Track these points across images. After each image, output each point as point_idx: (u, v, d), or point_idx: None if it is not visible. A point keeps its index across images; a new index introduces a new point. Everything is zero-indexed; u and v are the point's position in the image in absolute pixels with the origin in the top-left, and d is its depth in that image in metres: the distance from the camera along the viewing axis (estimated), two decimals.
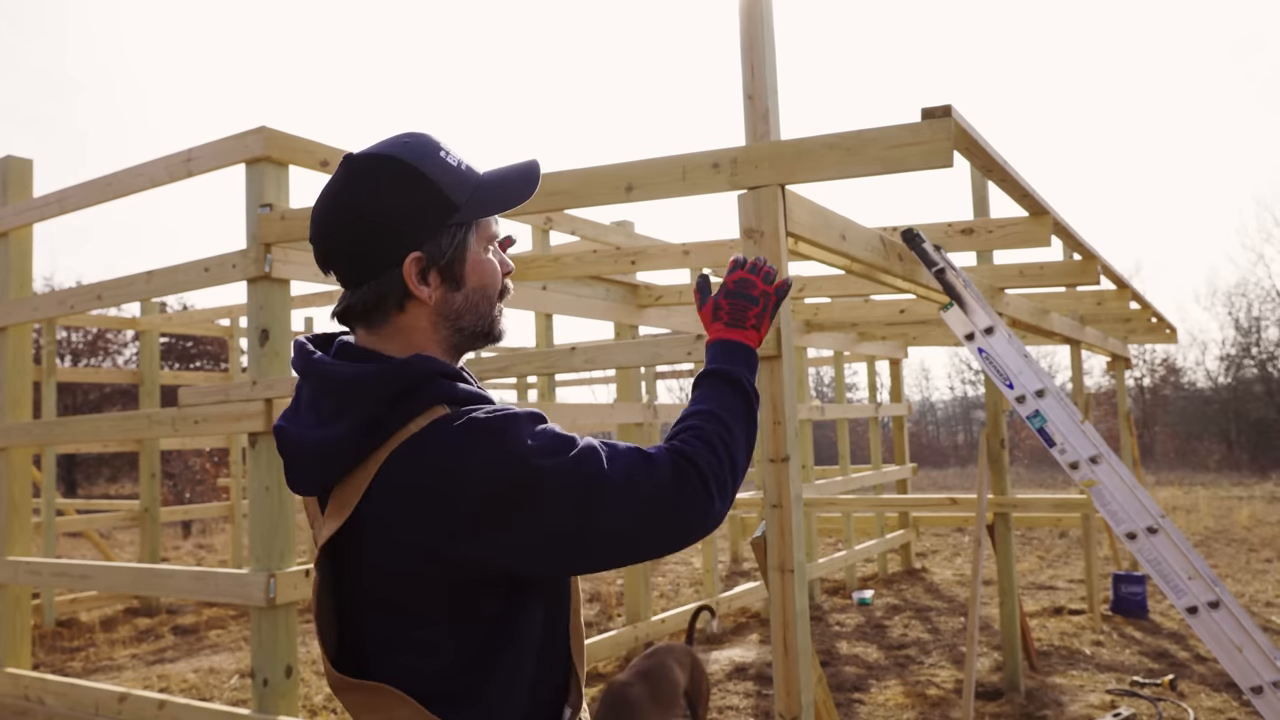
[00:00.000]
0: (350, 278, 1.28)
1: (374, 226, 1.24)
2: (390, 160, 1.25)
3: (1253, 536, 11.71)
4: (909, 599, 8.56)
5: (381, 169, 1.25)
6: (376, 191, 1.24)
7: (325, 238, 1.27)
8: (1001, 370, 3.61)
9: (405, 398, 1.21)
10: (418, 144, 1.28)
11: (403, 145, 1.27)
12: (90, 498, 19.58)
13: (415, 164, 1.26)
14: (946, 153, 2.97)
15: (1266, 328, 27.46)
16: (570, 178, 3.49)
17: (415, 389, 1.22)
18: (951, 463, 30.23)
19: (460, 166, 1.29)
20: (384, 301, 1.27)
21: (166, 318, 10.48)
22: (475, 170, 1.32)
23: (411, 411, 1.20)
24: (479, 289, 1.31)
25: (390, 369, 1.22)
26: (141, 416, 4.89)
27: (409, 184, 1.25)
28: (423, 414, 1.21)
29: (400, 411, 1.20)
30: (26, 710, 4.87)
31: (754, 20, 3.21)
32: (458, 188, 1.27)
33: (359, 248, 1.25)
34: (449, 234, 1.27)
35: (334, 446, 1.20)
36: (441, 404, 1.22)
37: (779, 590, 3.02)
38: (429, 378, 1.23)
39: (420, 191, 1.25)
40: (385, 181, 1.25)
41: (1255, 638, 3.11)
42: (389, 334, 1.28)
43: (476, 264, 1.31)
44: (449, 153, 1.29)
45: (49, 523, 8.41)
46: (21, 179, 5.30)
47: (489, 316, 1.34)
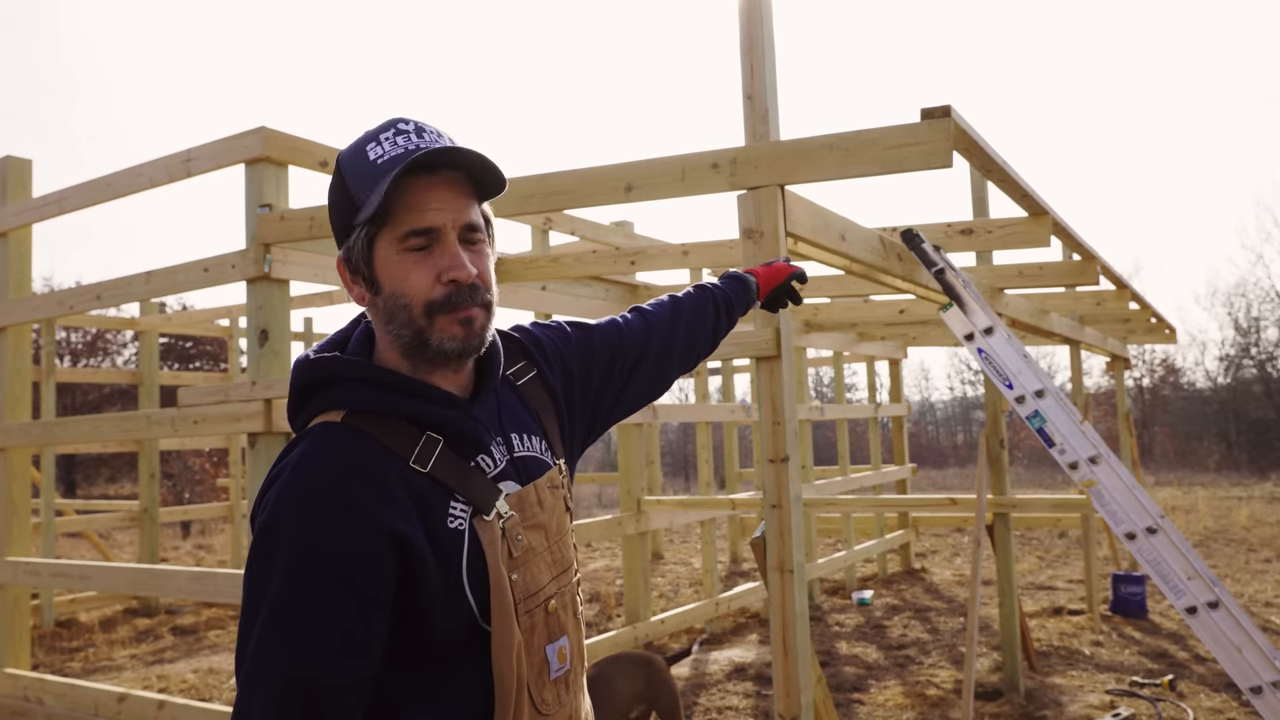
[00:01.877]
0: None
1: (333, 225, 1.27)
2: (339, 159, 1.25)
3: (1252, 537, 11.71)
4: (908, 599, 8.56)
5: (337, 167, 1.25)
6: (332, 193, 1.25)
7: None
8: (1001, 370, 3.61)
9: (308, 396, 1.21)
10: (362, 136, 1.22)
11: (355, 139, 1.24)
12: (89, 498, 19.56)
13: (342, 161, 1.23)
14: (946, 153, 2.97)
15: (1266, 328, 27.49)
16: (570, 178, 3.49)
17: (315, 391, 1.20)
18: (951, 463, 30.24)
19: (378, 160, 1.17)
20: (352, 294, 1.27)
21: (166, 318, 10.48)
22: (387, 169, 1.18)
23: (310, 412, 1.21)
24: (393, 297, 1.19)
25: (298, 364, 1.22)
26: (141, 417, 4.88)
27: (335, 182, 1.23)
28: (317, 416, 1.20)
29: (306, 409, 1.22)
30: (26, 711, 4.87)
31: (753, 21, 3.21)
32: (365, 184, 1.18)
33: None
34: (356, 234, 1.21)
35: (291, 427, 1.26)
36: (335, 410, 1.18)
37: (778, 590, 3.02)
38: (329, 382, 1.19)
39: (337, 190, 1.23)
40: (334, 181, 1.25)
41: (1254, 638, 3.11)
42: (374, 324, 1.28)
43: (385, 267, 1.19)
44: (380, 143, 1.19)
45: (48, 523, 8.40)
46: (21, 179, 5.29)
47: (412, 327, 1.18)
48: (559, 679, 1.26)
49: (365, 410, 1.16)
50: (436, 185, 1.18)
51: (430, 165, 1.16)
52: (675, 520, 8.84)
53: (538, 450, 1.32)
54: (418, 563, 1.11)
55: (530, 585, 1.22)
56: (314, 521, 1.07)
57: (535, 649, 1.22)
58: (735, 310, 1.82)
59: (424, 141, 1.18)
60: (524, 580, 1.21)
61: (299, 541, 1.07)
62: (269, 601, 1.06)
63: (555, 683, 1.25)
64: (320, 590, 1.06)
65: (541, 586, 1.25)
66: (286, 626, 1.05)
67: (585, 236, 6.62)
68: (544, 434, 1.36)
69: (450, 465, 1.17)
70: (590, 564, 11.63)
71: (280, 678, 1.04)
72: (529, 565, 1.23)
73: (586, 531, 6.38)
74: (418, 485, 1.14)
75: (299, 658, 1.04)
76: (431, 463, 1.16)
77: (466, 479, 1.19)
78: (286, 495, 1.09)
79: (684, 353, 1.69)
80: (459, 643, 1.16)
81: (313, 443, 1.14)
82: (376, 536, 1.08)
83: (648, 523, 6.69)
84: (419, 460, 1.15)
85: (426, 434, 1.17)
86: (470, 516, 1.17)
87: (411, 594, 1.12)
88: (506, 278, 5.45)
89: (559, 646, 1.26)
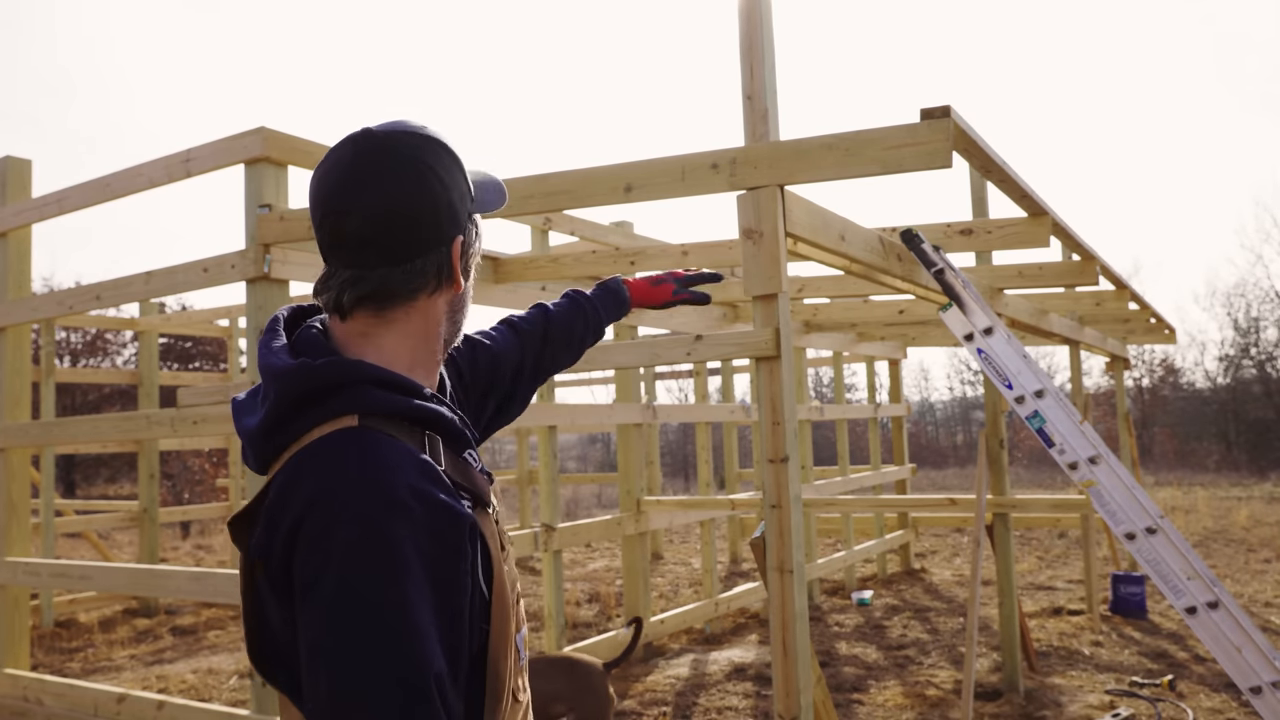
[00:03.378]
0: (392, 254, 1.17)
1: (435, 201, 1.18)
2: (432, 140, 1.21)
3: (1251, 537, 11.72)
4: (908, 599, 8.56)
5: (429, 146, 1.20)
6: (437, 168, 1.19)
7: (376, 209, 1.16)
8: (1000, 371, 3.61)
9: (311, 404, 1.13)
10: (441, 137, 1.24)
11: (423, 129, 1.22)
12: (89, 498, 19.56)
13: (452, 149, 1.23)
14: (945, 153, 2.97)
15: (1265, 328, 27.51)
16: (570, 178, 3.49)
17: (324, 396, 1.13)
18: (950, 463, 30.25)
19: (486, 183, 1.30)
20: (419, 282, 1.19)
21: (165, 318, 10.48)
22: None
23: (315, 418, 1.12)
24: (466, 292, 1.28)
25: (302, 370, 1.13)
26: (140, 417, 4.88)
27: (456, 167, 1.22)
28: (327, 422, 1.12)
29: (304, 418, 1.13)
30: (25, 711, 4.87)
31: (753, 21, 3.21)
32: (480, 187, 1.28)
33: (416, 222, 1.17)
34: (473, 224, 1.25)
35: (253, 438, 1.16)
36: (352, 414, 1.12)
37: (778, 591, 3.02)
38: (341, 386, 1.13)
39: (460, 176, 1.23)
40: (443, 159, 1.20)
41: (1254, 638, 3.11)
42: (401, 318, 1.20)
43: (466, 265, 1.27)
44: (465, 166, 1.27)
45: (47, 523, 8.40)
46: (20, 179, 5.30)
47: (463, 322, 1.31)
48: (522, 666, 1.29)
49: (380, 413, 1.13)
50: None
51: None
52: (675, 520, 8.85)
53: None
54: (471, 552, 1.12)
55: (513, 575, 1.25)
56: (412, 527, 1.04)
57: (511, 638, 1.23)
58: (604, 324, 1.87)
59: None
60: (510, 571, 1.23)
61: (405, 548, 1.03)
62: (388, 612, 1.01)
63: (521, 670, 1.28)
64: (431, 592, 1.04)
65: (516, 577, 1.27)
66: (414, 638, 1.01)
67: (585, 236, 6.62)
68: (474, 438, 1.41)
69: (453, 461, 1.18)
70: (590, 564, 11.63)
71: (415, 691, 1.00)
72: (510, 557, 1.25)
73: (586, 532, 6.37)
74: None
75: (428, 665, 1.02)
76: (443, 460, 1.16)
77: (468, 473, 1.19)
78: (370, 505, 1.04)
79: (546, 371, 1.73)
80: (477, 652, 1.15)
81: (360, 448, 1.08)
82: (460, 528, 1.09)
83: (647, 523, 6.69)
84: (433, 458, 1.14)
85: (426, 433, 1.17)
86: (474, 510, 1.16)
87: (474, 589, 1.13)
88: (506, 278, 5.45)
89: (523, 635, 1.29)
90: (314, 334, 1.20)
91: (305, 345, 1.19)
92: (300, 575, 1.03)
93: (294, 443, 1.12)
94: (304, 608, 1.03)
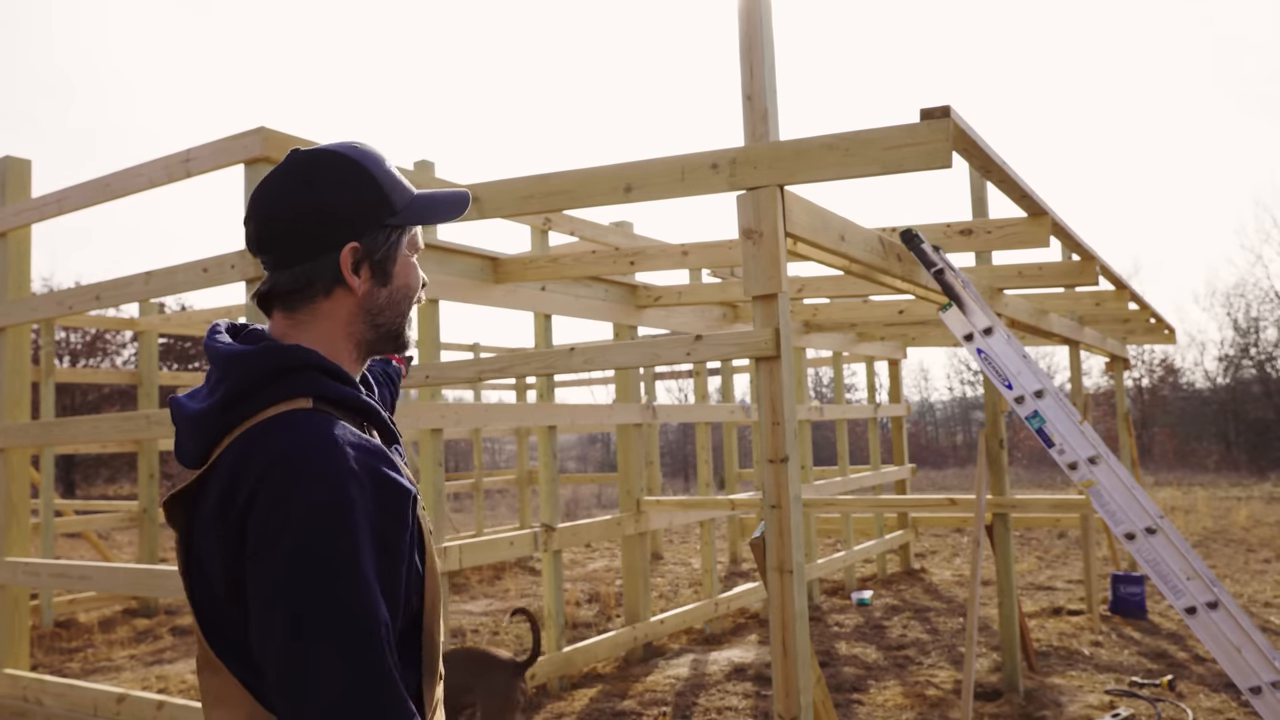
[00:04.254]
0: (283, 258, 1.30)
1: (319, 212, 1.30)
2: (341, 157, 1.33)
3: (1251, 537, 11.72)
4: (908, 599, 8.56)
5: (332, 162, 1.32)
6: (326, 182, 1.31)
7: (266, 218, 1.31)
8: (1000, 371, 3.61)
9: (271, 382, 1.23)
10: (366, 149, 1.36)
11: (351, 148, 1.35)
12: (89, 498, 19.57)
13: (363, 164, 1.34)
14: (945, 153, 2.97)
15: (1265, 328, 27.50)
16: (570, 178, 3.49)
17: (284, 376, 1.24)
18: (950, 463, 30.25)
19: (399, 178, 1.37)
20: (312, 285, 1.31)
21: (165, 318, 10.47)
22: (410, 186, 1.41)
23: (273, 397, 1.22)
24: (402, 288, 1.38)
25: (265, 349, 1.25)
26: (140, 417, 4.88)
27: (357, 180, 1.33)
28: (282, 401, 1.22)
29: (262, 395, 1.23)
30: (25, 711, 4.87)
31: (753, 21, 3.21)
32: (397, 194, 1.36)
33: (299, 230, 1.30)
34: (385, 233, 1.35)
35: (201, 418, 1.24)
36: (306, 397, 1.23)
37: (778, 591, 3.02)
38: (303, 368, 1.25)
39: (365, 189, 1.33)
40: (335, 174, 1.31)
41: (1254, 638, 3.11)
42: (307, 319, 1.32)
43: (405, 265, 1.38)
44: (391, 165, 1.38)
45: (47, 524, 8.40)
46: (20, 180, 5.30)
47: (404, 317, 1.40)
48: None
49: (329, 399, 1.25)
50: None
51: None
52: (675, 520, 8.85)
53: None
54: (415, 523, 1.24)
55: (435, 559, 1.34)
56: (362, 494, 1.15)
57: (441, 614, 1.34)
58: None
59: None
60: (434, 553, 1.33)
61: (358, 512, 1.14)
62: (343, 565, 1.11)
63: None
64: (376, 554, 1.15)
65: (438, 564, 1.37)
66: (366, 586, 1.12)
67: (585, 237, 6.62)
68: None
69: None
70: (590, 564, 11.63)
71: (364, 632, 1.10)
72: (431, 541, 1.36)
73: (586, 532, 6.38)
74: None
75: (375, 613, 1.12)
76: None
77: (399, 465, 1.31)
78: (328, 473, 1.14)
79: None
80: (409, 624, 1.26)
81: (316, 426, 1.19)
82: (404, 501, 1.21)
83: (647, 523, 6.69)
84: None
85: (364, 423, 1.31)
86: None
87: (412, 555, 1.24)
88: (506, 278, 5.46)
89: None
90: (258, 331, 1.35)
91: (252, 338, 1.33)
92: (256, 534, 1.12)
93: (244, 422, 1.21)
94: (258, 562, 1.12)
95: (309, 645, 1.09)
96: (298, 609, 1.09)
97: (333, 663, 1.08)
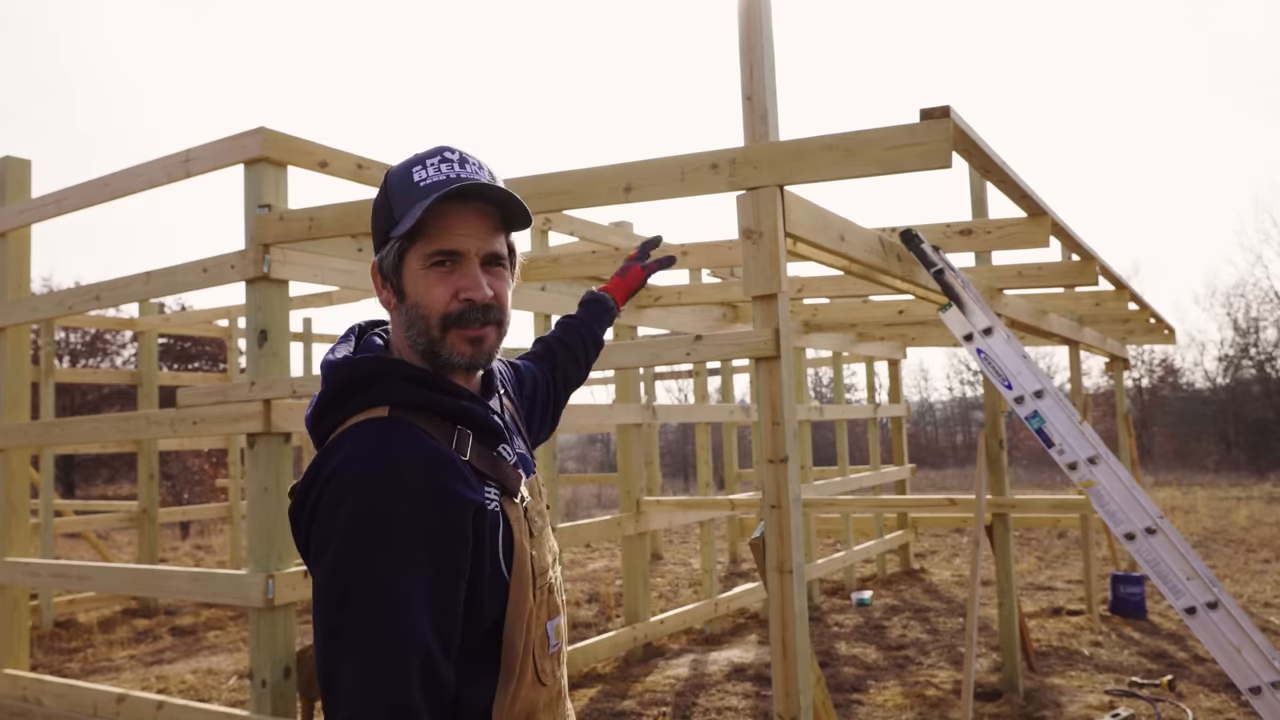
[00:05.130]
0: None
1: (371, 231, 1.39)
2: (388, 173, 1.38)
3: (1251, 537, 11.72)
4: (907, 600, 8.56)
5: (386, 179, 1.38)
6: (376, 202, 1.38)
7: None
8: (1000, 371, 3.61)
9: (354, 392, 1.28)
10: (411, 158, 1.36)
11: (404, 159, 1.37)
12: (88, 499, 19.55)
13: (389, 178, 1.36)
14: (945, 154, 2.97)
15: (1265, 328, 27.51)
16: (570, 178, 3.49)
17: (365, 386, 1.28)
18: (950, 463, 30.24)
19: (421, 183, 1.31)
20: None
21: (165, 318, 10.47)
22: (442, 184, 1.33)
23: (356, 406, 1.28)
24: (414, 306, 1.32)
25: (348, 362, 1.31)
26: (140, 417, 4.88)
27: (380, 196, 1.37)
28: (362, 411, 1.27)
29: (347, 404, 1.28)
30: (25, 711, 4.86)
31: (752, 22, 3.21)
32: (405, 202, 1.31)
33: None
34: (390, 246, 1.34)
35: (308, 425, 1.33)
36: (384, 406, 1.26)
37: (778, 591, 3.02)
38: (379, 379, 1.28)
39: (382, 205, 1.36)
40: (380, 192, 1.38)
41: (1253, 638, 3.11)
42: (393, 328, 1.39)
43: (411, 279, 1.32)
44: (425, 167, 1.33)
45: (47, 524, 8.40)
46: (20, 180, 5.29)
47: (428, 336, 1.32)
48: (555, 654, 1.39)
49: (408, 406, 1.27)
50: (468, 214, 1.32)
51: (464, 195, 1.31)
52: (674, 521, 8.85)
53: (525, 451, 1.49)
54: (478, 536, 1.24)
55: (541, 563, 1.36)
56: (413, 507, 1.17)
57: (539, 623, 1.34)
58: (599, 334, 2.07)
59: (465, 172, 1.33)
60: (538, 557, 1.35)
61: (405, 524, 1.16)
62: (375, 580, 1.14)
63: (552, 656, 1.38)
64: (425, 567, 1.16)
65: (547, 566, 1.39)
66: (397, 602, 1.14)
67: (584, 237, 6.62)
68: (524, 440, 1.53)
69: (482, 454, 1.31)
70: (590, 564, 11.63)
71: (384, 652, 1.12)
72: (540, 545, 1.37)
73: (586, 532, 6.37)
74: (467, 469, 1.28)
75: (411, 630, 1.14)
76: (469, 452, 1.29)
77: (496, 465, 1.33)
78: (377, 485, 1.17)
79: (563, 389, 1.92)
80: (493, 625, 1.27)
81: (377, 434, 1.23)
82: (464, 513, 1.22)
83: (647, 523, 6.69)
84: (458, 449, 1.28)
85: (458, 428, 1.30)
86: (500, 499, 1.30)
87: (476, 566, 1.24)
88: None
89: (556, 623, 1.39)
90: (371, 337, 1.40)
91: (363, 347, 1.38)
92: (315, 540, 1.20)
93: (335, 429, 1.28)
94: (314, 567, 1.20)
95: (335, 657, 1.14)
96: (331, 621, 1.15)
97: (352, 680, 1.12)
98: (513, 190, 1.37)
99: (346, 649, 1.13)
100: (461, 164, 1.33)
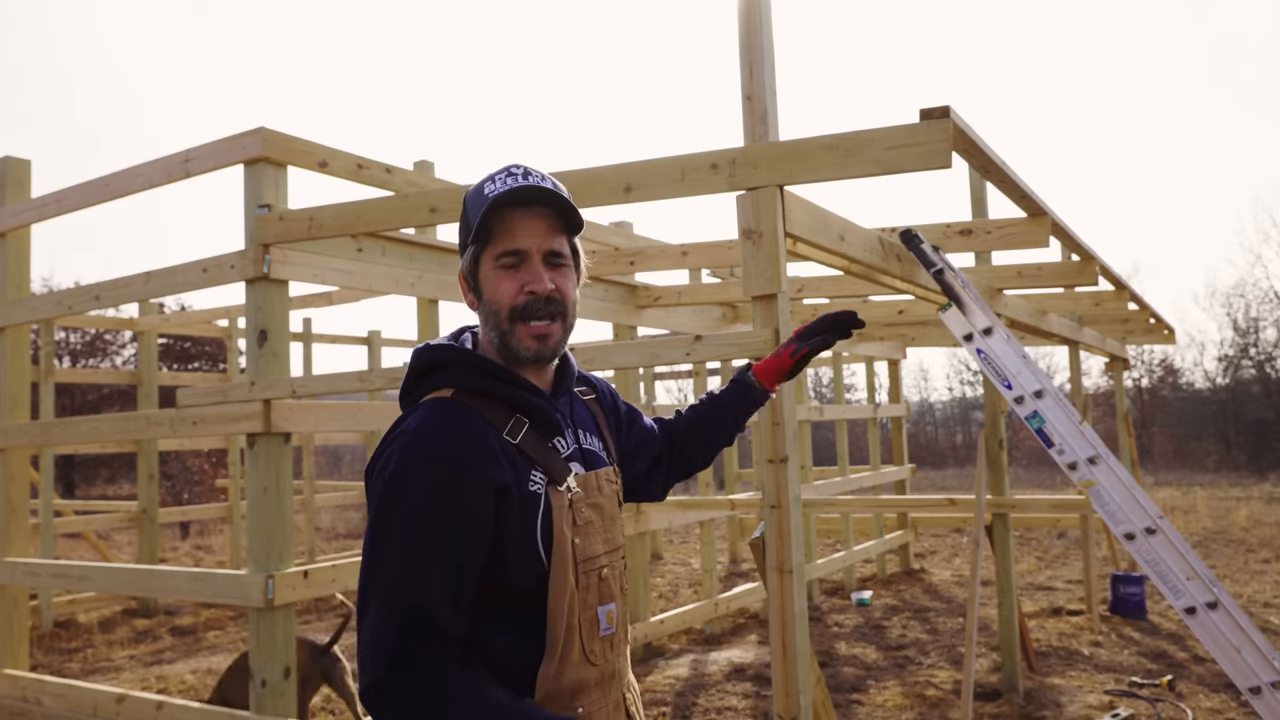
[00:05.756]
0: None
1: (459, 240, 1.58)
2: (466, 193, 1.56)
3: (1250, 537, 11.72)
4: (907, 600, 8.56)
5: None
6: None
7: None
8: (1000, 371, 3.61)
9: (429, 372, 1.50)
10: (485, 176, 1.52)
11: (479, 179, 1.54)
12: (88, 499, 19.55)
13: (466, 195, 1.54)
14: (945, 154, 2.97)
15: (1264, 329, 27.50)
16: (569, 178, 3.49)
17: (439, 369, 1.49)
18: (950, 463, 30.23)
19: (489, 194, 1.47)
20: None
21: (165, 318, 10.47)
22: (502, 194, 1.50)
23: (429, 386, 1.49)
24: (489, 303, 1.50)
25: (427, 347, 1.51)
26: (140, 417, 4.88)
27: (462, 208, 1.55)
28: (432, 391, 1.47)
29: (423, 384, 1.50)
30: (24, 711, 4.86)
31: (752, 22, 3.21)
32: (476, 212, 1.48)
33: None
34: (468, 251, 1.53)
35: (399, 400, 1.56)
36: (447, 388, 1.46)
37: (777, 591, 3.02)
38: (448, 364, 1.48)
39: (461, 217, 1.56)
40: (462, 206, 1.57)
41: (1253, 638, 3.11)
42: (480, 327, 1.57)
43: (485, 279, 1.50)
44: (494, 181, 1.49)
45: (47, 524, 8.39)
46: (19, 180, 5.29)
47: (499, 329, 1.49)
48: (606, 637, 1.52)
49: (471, 390, 1.46)
50: (529, 217, 1.49)
51: (524, 201, 1.48)
52: (674, 520, 8.84)
53: (597, 449, 1.63)
54: (508, 510, 1.40)
55: (588, 550, 1.49)
56: (436, 475, 1.36)
57: (588, 606, 1.48)
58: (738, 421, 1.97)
59: (527, 182, 1.48)
60: (584, 545, 1.48)
61: (424, 491, 1.35)
62: (396, 541, 1.35)
63: (603, 640, 1.51)
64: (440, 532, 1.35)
65: (597, 555, 1.52)
66: (412, 561, 1.34)
67: (584, 237, 6.60)
68: (603, 439, 1.67)
69: (534, 442, 1.47)
70: None
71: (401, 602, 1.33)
72: (588, 534, 1.50)
73: None
74: (509, 452, 1.44)
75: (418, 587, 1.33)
76: (520, 437, 1.46)
77: (546, 454, 1.48)
78: (410, 453, 1.37)
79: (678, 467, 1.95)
80: (531, 590, 1.42)
81: (430, 411, 1.42)
82: (485, 488, 1.38)
83: (647, 523, 6.68)
84: (510, 434, 1.45)
85: (516, 415, 1.47)
86: (546, 485, 1.46)
87: (500, 535, 1.40)
88: None
89: (608, 609, 1.53)
90: (464, 335, 1.58)
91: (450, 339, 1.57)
92: (369, 496, 1.42)
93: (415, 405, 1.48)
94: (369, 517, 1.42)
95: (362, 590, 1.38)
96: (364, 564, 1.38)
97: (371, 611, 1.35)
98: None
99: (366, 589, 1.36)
100: (525, 176, 1.49)
